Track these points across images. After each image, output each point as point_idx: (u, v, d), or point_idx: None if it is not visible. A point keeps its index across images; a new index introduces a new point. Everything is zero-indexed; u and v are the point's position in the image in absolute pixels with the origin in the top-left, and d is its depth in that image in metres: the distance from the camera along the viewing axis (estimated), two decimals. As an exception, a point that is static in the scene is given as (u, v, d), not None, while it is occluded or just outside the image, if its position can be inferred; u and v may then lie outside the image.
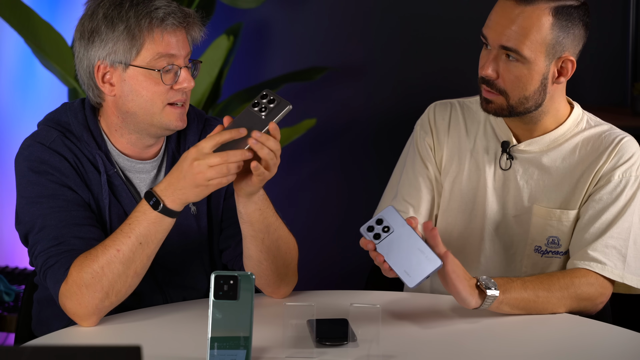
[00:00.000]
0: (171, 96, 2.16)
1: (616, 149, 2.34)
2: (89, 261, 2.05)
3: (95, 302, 2.05)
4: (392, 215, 2.04)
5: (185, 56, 2.17)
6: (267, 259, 2.17)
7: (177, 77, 2.15)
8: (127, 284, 2.06)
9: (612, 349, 2.06)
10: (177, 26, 2.15)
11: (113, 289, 2.05)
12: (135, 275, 2.07)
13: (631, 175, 2.33)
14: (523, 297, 2.14)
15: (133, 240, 2.04)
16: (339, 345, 1.96)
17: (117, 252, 2.04)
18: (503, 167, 2.40)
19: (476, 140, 2.43)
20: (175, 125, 2.17)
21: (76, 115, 2.23)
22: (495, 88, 2.29)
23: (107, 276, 2.04)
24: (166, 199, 2.03)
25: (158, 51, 2.14)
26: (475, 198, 2.41)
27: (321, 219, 4.39)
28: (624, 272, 2.26)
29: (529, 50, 2.25)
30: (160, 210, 2.03)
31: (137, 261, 2.05)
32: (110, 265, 2.04)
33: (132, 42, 2.13)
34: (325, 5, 4.29)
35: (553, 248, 2.37)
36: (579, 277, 2.22)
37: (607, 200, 2.31)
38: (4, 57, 4.13)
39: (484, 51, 2.31)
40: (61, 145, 2.19)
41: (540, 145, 2.38)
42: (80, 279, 2.04)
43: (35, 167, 2.16)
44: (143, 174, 2.26)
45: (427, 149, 2.46)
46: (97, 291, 2.04)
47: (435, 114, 2.48)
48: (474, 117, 2.46)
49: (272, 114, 2.01)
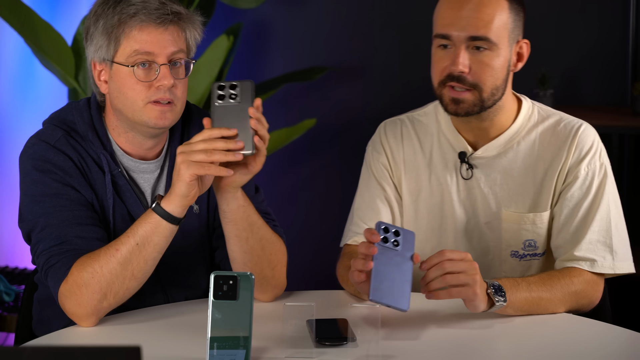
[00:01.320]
0: (152, 94, 2.14)
1: (575, 142, 2.32)
2: (91, 260, 2.05)
3: (93, 303, 2.05)
4: (409, 239, 2.01)
5: (171, 54, 2.15)
6: (251, 260, 2.16)
7: (157, 75, 2.15)
8: (125, 286, 2.06)
9: (612, 349, 2.06)
10: (154, 23, 2.13)
11: (111, 290, 2.05)
12: (133, 278, 2.06)
13: (596, 165, 2.32)
14: (527, 300, 2.14)
15: (131, 240, 2.04)
16: (339, 345, 1.96)
17: (116, 252, 2.04)
18: (465, 177, 2.37)
19: (432, 153, 2.40)
20: (154, 122, 2.15)
21: (82, 115, 2.23)
22: (467, 83, 2.25)
23: (105, 276, 2.04)
24: (165, 199, 2.04)
25: (134, 48, 2.14)
26: (442, 212, 2.38)
27: (321, 219, 4.39)
28: (614, 263, 2.26)
29: (496, 36, 2.24)
30: (154, 209, 2.03)
31: (134, 263, 2.05)
32: (108, 264, 2.04)
33: (109, 38, 2.14)
34: (325, 5, 4.29)
35: (530, 251, 2.36)
36: (576, 276, 2.23)
37: (579, 196, 2.30)
38: (4, 57, 4.13)
39: (443, 52, 2.26)
40: (66, 145, 2.19)
41: (497, 148, 2.36)
42: (80, 278, 2.04)
43: (39, 166, 2.17)
44: (147, 174, 2.26)
45: (382, 169, 2.42)
46: (95, 292, 2.04)
47: (386, 133, 2.44)
48: (426, 130, 2.42)
49: (244, 96, 2.00)
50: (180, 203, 2.03)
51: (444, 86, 2.27)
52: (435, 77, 2.29)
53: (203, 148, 1.98)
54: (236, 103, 2.01)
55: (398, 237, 2.00)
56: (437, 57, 2.28)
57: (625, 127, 4.04)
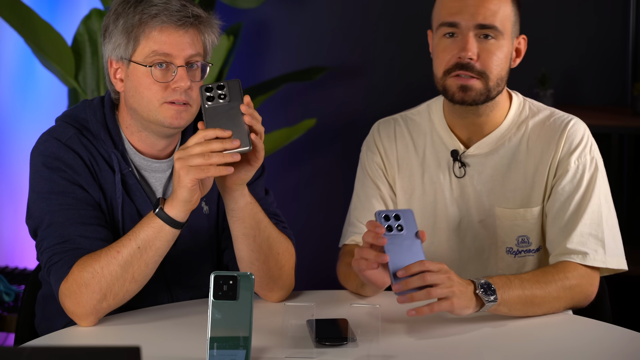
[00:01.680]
0: (168, 95, 2.15)
1: (565, 135, 2.33)
2: (92, 261, 2.06)
3: (92, 303, 2.05)
4: (409, 218, 2.03)
5: (189, 56, 2.16)
6: (258, 258, 2.16)
7: (174, 76, 2.15)
8: (125, 288, 2.06)
9: (612, 349, 2.06)
10: (175, 25, 2.14)
11: (111, 291, 2.05)
12: (133, 280, 2.07)
13: (586, 159, 2.32)
14: (520, 297, 2.13)
15: (133, 243, 2.05)
16: (339, 345, 1.96)
17: (117, 254, 2.05)
18: (457, 175, 2.38)
19: (425, 152, 2.41)
20: (169, 122, 2.16)
21: (95, 113, 2.24)
22: (475, 71, 2.26)
23: (106, 277, 2.05)
24: (167, 204, 2.04)
25: (152, 48, 2.15)
26: (435, 211, 2.39)
27: (321, 219, 4.39)
28: (605, 256, 2.25)
29: (502, 25, 2.27)
30: (157, 214, 2.03)
31: (135, 266, 2.05)
32: (109, 266, 2.05)
33: (128, 37, 2.15)
34: (325, 5, 4.29)
35: (524, 247, 2.36)
36: (570, 271, 2.22)
37: (570, 190, 2.30)
38: (4, 57, 4.13)
39: (449, 41, 2.27)
40: (77, 143, 2.20)
41: (489, 145, 2.36)
42: (80, 277, 2.05)
43: (48, 163, 2.18)
44: (159, 173, 2.26)
45: (377, 168, 2.43)
46: (95, 292, 2.05)
47: (380, 133, 2.45)
48: (419, 129, 2.43)
49: (233, 94, 2.00)
50: (184, 208, 2.04)
51: (449, 75, 2.28)
52: (439, 67, 2.29)
53: (200, 151, 1.98)
54: (226, 102, 2.01)
55: (400, 221, 2.02)
56: (442, 46, 2.28)
57: (625, 127, 4.03)
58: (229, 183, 2.07)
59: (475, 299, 2.07)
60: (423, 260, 2.02)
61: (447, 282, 2.02)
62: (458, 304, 2.03)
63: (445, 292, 2.01)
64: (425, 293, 2.00)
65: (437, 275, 2.01)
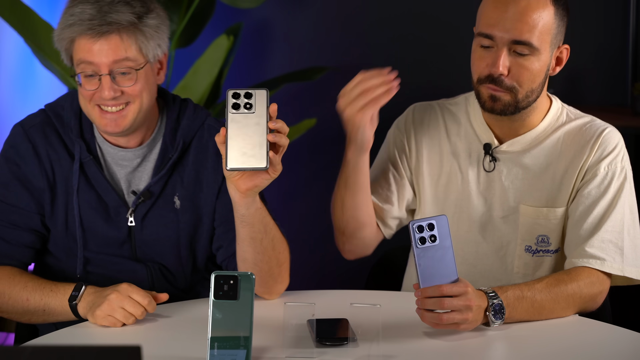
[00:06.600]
0: (96, 100, 2.19)
1: (599, 141, 2.33)
2: (6, 283, 2.21)
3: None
4: (443, 225, 2.00)
5: (112, 63, 2.16)
6: (262, 260, 2.17)
7: (100, 84, 2.18)
8: (12, 318, 2.24)
9: (612, 349, 2.06)
10: (87, 34, 2.15)
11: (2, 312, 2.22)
12: (23, 319, 2.23)
13: (617, 167, 2.32)
14: (528, 311, 2.12)
15: (42, 304, 2.17)
16: (339, 345, 1.96)
17: (26, 301, 2.19)
18: (487, 169, 2.38)
19: (457, 142, 2.42)
20: (103, 129, 2.22)
21: (72, 102, 2.29)
22: (504, 86, 2.26)
23: (6, 304, 2.20)
24: (82, 300, 2.13)
25: (78, 57, 2.18)
26: (460, 202, 2.40)
27: (321, 219, 4.38)
28: (623, 265, 2.25)
29: (539, 41, 2.25)
30: (71, 306, 2.14)
31: (33, 318, 2.21)
32: (14, 303, 2.20)
33: (60, 45, 2.21)
34: (325, 5, 4.29)
35: (543, 247, 2.36)
36: (583, 279, 2.21)
37: (596, 195, 2.30)
38: (4, 57, 4.13)
39: (484, 51, 2.28)
40: (37, 131, 2.26)
41: (523, 144, 2.37)
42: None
43: (6, 151, 2.27)
44: (125, 162, 2.29)
45: (399, 149, 2.45)
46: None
47: (414, 115, 2.47)
48: (454, 118, 2.44)
49: (260, 106, 1.99)
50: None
51: (482, 84, 2.29)
52: (474, 73, 2.31)
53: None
54: (251, 113, 1.98)
55: (433, 231, 1.99)
56: (478, 54, 2.29)
57: (625, 127, 4.02)
58: (245, 189, 2.05)
59: (483, 318, 2.07)
60: (441, 286, 1.99)
61: (463, 311, 2.01)
62: (465, 329, 2.04)
63: (458, 318, 2.01)
64: (437, 317, 2.00)
65: (456, 302, 2.00)
